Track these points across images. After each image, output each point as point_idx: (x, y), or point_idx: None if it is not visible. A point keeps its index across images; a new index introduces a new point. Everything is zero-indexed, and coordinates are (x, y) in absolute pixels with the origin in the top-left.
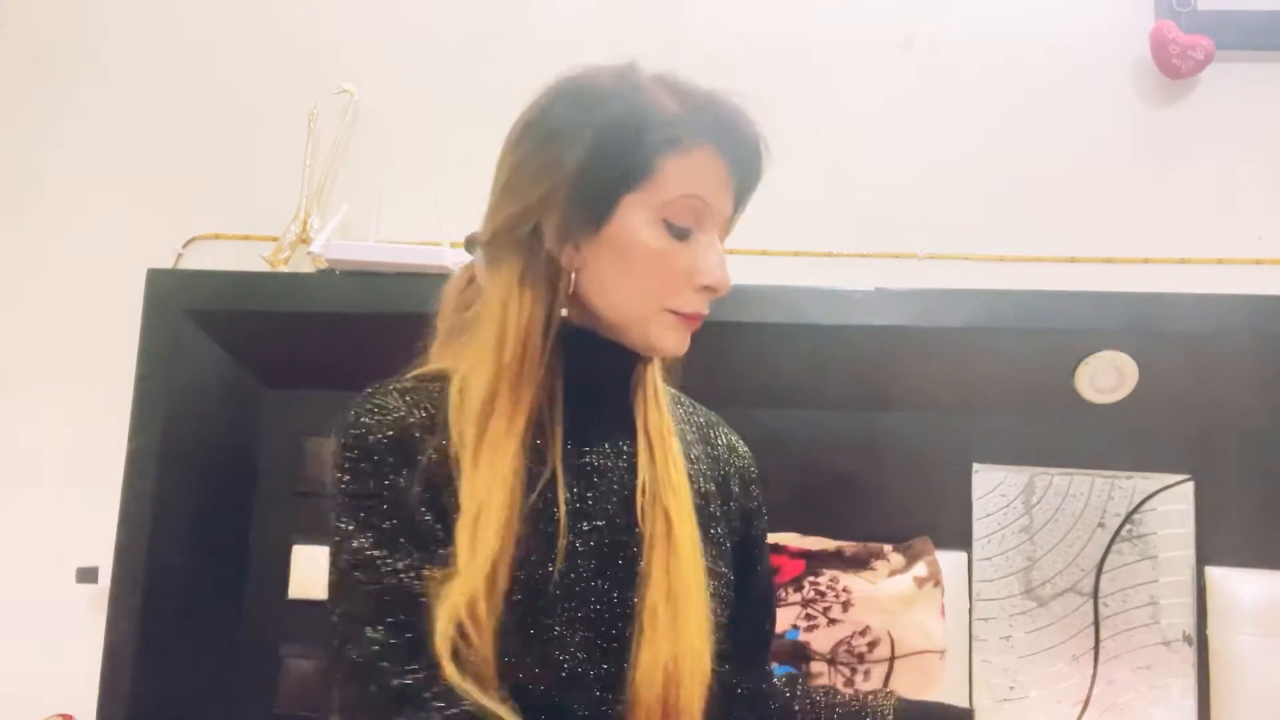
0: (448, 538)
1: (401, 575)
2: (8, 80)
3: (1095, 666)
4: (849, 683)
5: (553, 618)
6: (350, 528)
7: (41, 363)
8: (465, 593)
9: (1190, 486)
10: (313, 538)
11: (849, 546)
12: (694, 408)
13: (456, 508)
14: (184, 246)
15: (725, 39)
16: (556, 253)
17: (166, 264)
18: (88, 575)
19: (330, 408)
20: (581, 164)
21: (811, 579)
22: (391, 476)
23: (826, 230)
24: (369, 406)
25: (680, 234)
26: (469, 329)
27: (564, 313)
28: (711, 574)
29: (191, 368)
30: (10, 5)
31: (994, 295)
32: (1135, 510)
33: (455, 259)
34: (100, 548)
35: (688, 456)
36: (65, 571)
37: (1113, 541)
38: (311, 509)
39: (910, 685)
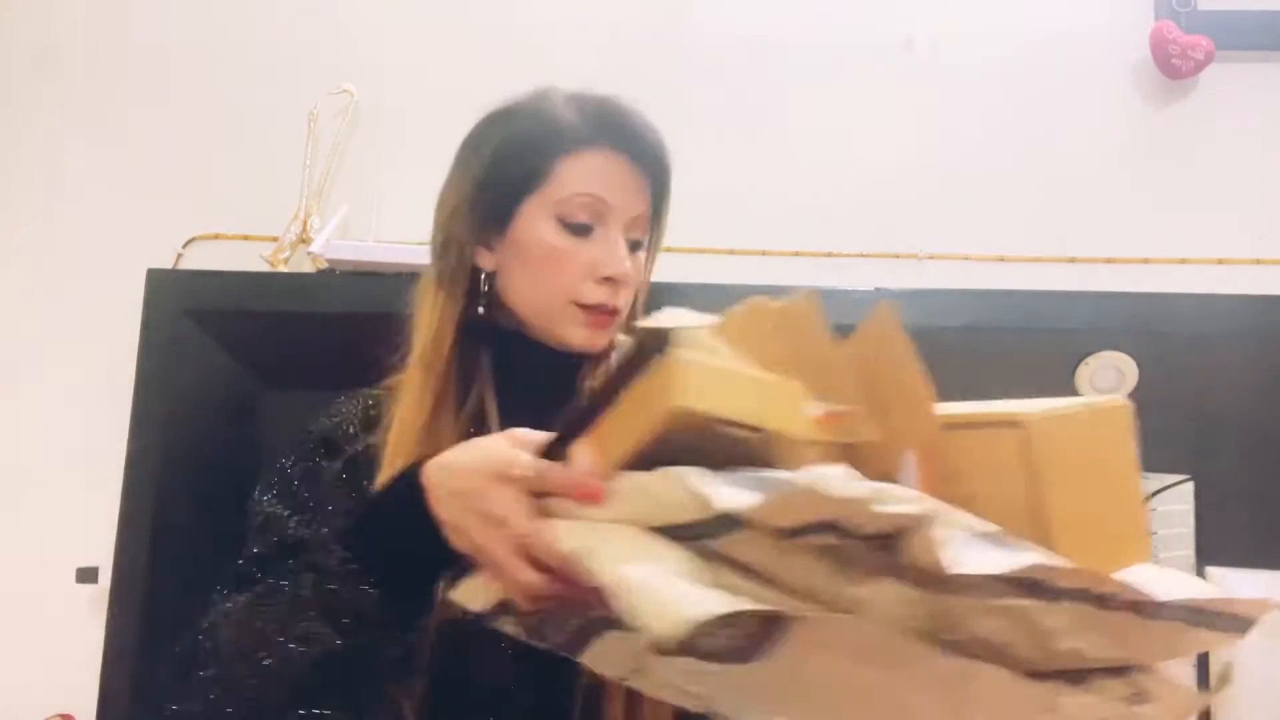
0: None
1: (294, 527)
2: (8, 80)
3: None
4: None
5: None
6: (265, 497)
7: (41, 363)
8: None
9: (1190, 486)
10: None
11: None
12: None
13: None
14: (184, 246)
15: (725, 39)
16: (471, 256)
17: (166, 264)
18: (88, 575)
19: None
20: (485, 172)
21: None
22: (315, 460)
23: (826, 230)
24: (328, 409)
25: (577, 230)
26: None
27: (480, 310)
28: None
29: (191, 368)
30: (11, 5)
31: (994, 295)
32: None
33: None
34: (100, 548)
35: None
36: (65, 571)
37: None
38: None
39: None
